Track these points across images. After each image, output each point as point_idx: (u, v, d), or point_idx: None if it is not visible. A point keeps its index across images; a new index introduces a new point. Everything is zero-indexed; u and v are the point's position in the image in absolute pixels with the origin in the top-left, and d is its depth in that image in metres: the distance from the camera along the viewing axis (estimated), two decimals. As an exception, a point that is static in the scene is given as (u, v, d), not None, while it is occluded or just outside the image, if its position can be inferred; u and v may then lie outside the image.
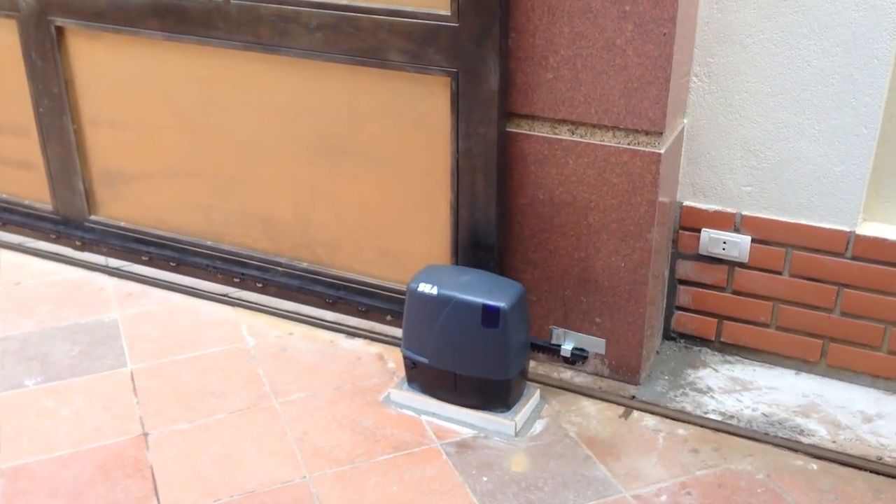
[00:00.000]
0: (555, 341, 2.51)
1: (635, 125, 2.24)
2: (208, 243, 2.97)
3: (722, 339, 2.64)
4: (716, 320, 2.63)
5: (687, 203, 2.54)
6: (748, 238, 2.49)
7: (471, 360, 2.28)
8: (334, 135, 2.62)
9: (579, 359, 2.43)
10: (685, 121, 2.46)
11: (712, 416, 2.39)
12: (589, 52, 2.22)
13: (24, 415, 2.40)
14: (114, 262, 3.14)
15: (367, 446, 2.27)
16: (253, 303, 2.90)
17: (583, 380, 2.55)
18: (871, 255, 2.37)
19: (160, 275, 3.05)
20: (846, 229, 2.38)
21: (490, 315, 2.22)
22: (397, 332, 2.69)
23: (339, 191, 2.68)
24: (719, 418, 2.38)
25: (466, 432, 2.33)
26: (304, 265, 2.83)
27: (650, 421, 2.38)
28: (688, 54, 2.33)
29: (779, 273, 2.49)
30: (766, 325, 2.56)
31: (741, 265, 2.52)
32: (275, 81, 2.63)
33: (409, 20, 2.34)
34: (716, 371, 2.59)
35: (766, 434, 2.31)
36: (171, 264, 3.05)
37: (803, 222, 2.42)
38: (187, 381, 2.54)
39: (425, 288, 2.29)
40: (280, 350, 2.68)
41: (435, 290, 2.27)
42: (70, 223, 3.20)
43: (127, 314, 2.87)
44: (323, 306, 2.84)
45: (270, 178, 2.78)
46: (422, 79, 2.41)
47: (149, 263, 3.10)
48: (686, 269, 2.60)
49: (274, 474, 2.18)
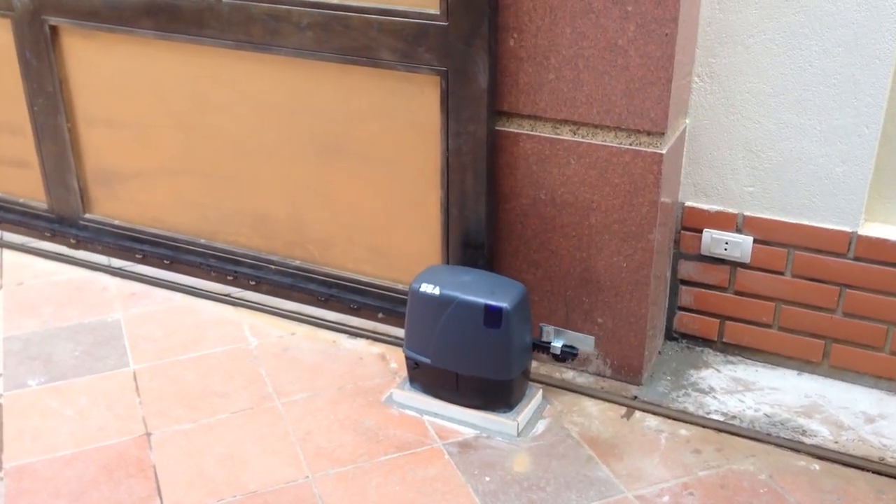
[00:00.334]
0: (545, 339, 2.51)
1: (637, 125, 2.24)
2: (202, 241, 2.99)
3: (724, 340, 2.64)
4: (718, 321, 2.63)
5: (689, 203, 2.54)
6: (750, 238, 2.49)
7: (473, 361, 2.29)
8: (326, 133, 2.63)
9: (569, 356, 2.42)
10: (687, 121, 2.46)
11: (714, 417, 2.39)
12: (591, 53, 2.22)
13: (28, 415, 2.40)
14: (116, 262, 3.15)
15: (370, 446, 2.28)
16: (255, 303, 2.91)
17: (585, 380, 2.55)
18: (873, 256, 2.37)
19: (163, 275, 3.06)
20: (848, 230, 2.38)
21: (492, 315, 2.22)
22: (399, 332, 2.69)
23: (331, 189, 2.70)
24: (721, 419, 2.38)
25: (468, 432, 2.33)
26: (296, 263, 2.85)
27: (652, 421, 2.38)
28: (689, 55, 2.33)
29: (781, 273, 2.49)
30: (768, 326, 2.56)
31: (743, 265, 2.52)
32: (267, 80, 2.65)
33: (399, 19, 2.36)
34: (718, 371, 2.59)
35: (769, 434, 2.32)
36: (164, 262, 3.07)
37: (805, 223, 2.42)
38: (190, 381, 2.54)
39: (427, 288, 2.29)
40: (282, 350, 2.69)
41: (437, 291, 2.28)
42: (65, 221, 3.21)
43: (130, 314, 2.88)
44: (315, 304, 2.85)
45: (264, 176, 2.79)
46: (412, 77, 2.43)
47: (143, 261, 3.11)
48: (688, 269, 2.60)
49: (276, 474, 2.18)
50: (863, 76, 2.23)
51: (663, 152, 2.25)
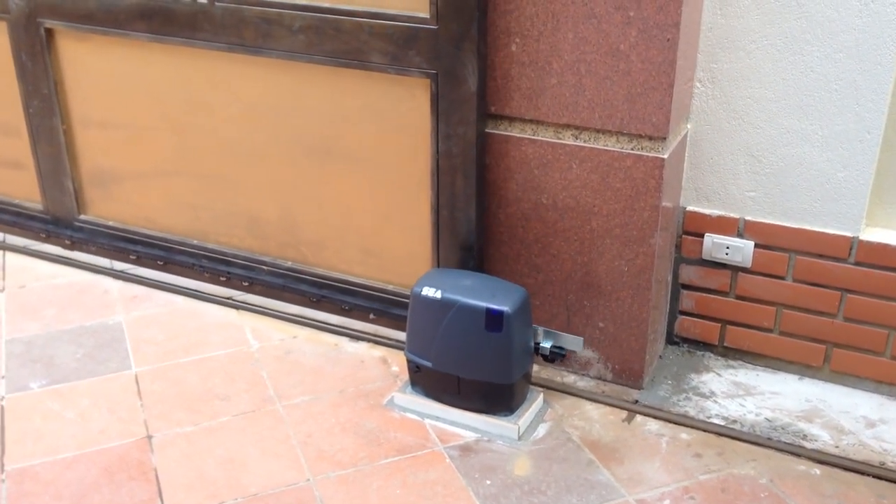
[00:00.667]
0: (534, 340, 2.50)
1: (639, 130, 2.25)
2: (195, 242, 3.00)
3: (725, 344, 2.64)
4: (719, 325, 2.63)
5: (690, 208, 2.55)
6: (751, 243, 2.49)
7: (474, 364, 2.29)
8: (318, 135, 2.65)
9: (558, 357, 2.42)
10: (689, 126, 2.46)
11: (715, 421, 2.39)
12: (593, 58, 2.23)
13: (29, 417, 2.40)
14: (118, 265, 3.15)
15: (371, 449, 2.28)
16: (257, 306, 2.91)
17: (586, 384, 2.55)
18: (874, 261, 2.37)
19: (165, 277, 3.06)
20: (849, 234, 2.38)
21: (494, 319, 2.22)
22: (398, 335, 2.70)
23: (323, 191, 2.71)
24: (722, 423, 2.38)
25: (470, 436, 2.34)
26: (288, 264, 2.86)
27: (653, 425, 2.38)
28: (691, 60, 2.34)
29: (782, 278, 2.49)
30: (769, 330, 2.57)
31: (744, 270, 2.53)
32: (259, 83, 2.67)
33: (390, 22, 2.37)
34: (719, 376, 2.59)
35: (770, 439, 2.32)
36: (158, 263, 3.08)
37: (806, 227, 2.42)
38: (191, 384, 2.54)
39: (429, 292, 2.29)
40: (284, 353, 2.69)
41: (439, 294, 2.28)
42: (60, 223, 3.23)
43: (132, 317, 2.88)
44: (307, 304, 2.86)
45: (256, 177, 2.80)
46: (403, 80, 2.44)
47: (136, 262, 3.13)
48: (689, 273, 2.60)
49: (277, 477, 2.18)
50: (864, 82, 2.24)
51: (665, 157, 2.26)
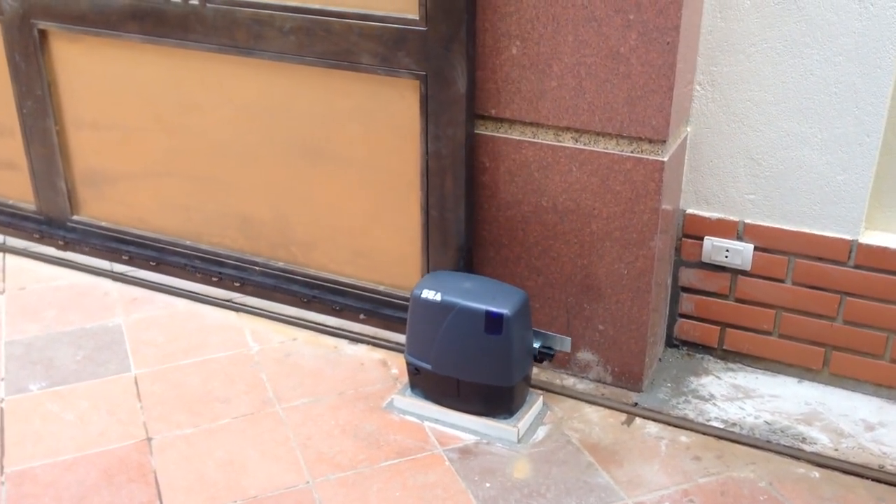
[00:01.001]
0: None
1: (639, 133, 2.25)
2: (187, 243, 3.01)
3: (724, 347, 2.65)
4: (718, 328, 2.63)
5: (690, 211, 2.55)
6: (751, 246, 2.49)
7: (474, 367, 2.29)
8: (309, 136, 2.65)
9: (546, 357, 2.42)
10: (688, 129, 2.47)
11: (715, 424, 2.39)
12: (593, 61, 2.23)
13: (29, 419, 2.40)
14: (119, 268, 3.15)
15: (370, 452, 2.28)
16: (257, 308, 2.91)
17: (585, 387, 2.55)
18: (873, 264, 2.38)
19: (165, 280, 3.06)
20: (848, 238, 2.39)
21: (493, 322, 2.23)
22: (397, 337, 2.70)
23: (314, 191, 2.72)
24: (722, 426, 2.38)
25: (469, 438, 2.34)
26: (280, 264, 2.87)
27: (652, 428, 2.38)
28: (691, 63, 2.34)
29: (781, 281, 2.49)
30: (768, 333, 2.57)
31: (744, 273, 2.53)
32: (251, 84, 2.67)
33: (380, 24, 2.38)
34: (718, 379, 2.59)
35: (769, 442, 2.32)
36: (150, 264, 3.09)
37: (806, 230, 2.43)
38: (191, 386, 2.54)
39: (429, 294, 2.29)
40: (284, 355, 2.69)
41: (438, 297, 2.28)
42: (53, 223, 3.23)
43: (131, 319, 2.88)
44: (298, 305, 2.87)
45: (248, 178, 2.81)
46: (392, 81, 2.45)
47: (129, 263, 3.14)
48: (689, 276, 2.61)
49: (277, 480, 2.18)
50: (864, 85, 2.24)
51: (665, 160, 2.26)
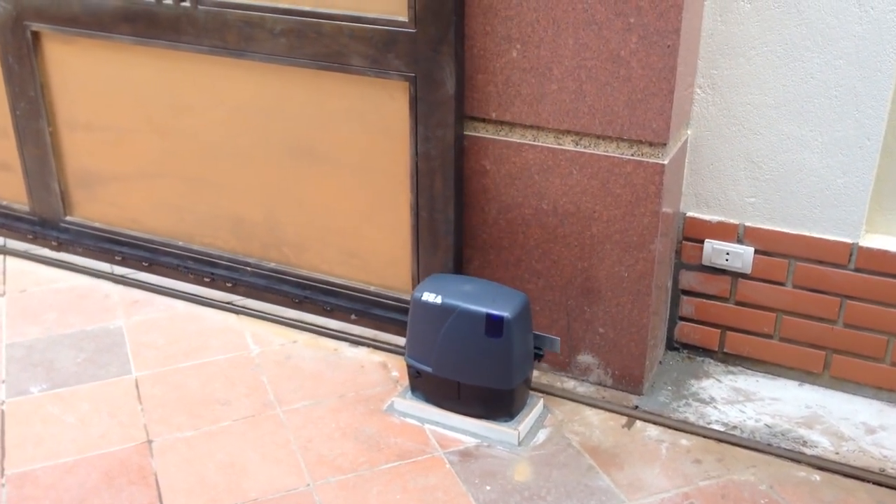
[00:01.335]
0: None
1: (639, 136, 2.25)
2: (179, 243, 3.02)
3: (725, 350, 2.65)
4: (719, 331, 2.63)
5: (690, 214, 2.55)
6: (751, 249, 2.49)
7: (474, 370, 2.29)
8: (300, 138, 2.67)
9: (536, 356, 2.41)
10: (689, 132, 2.47)
11: (715, 427, 2.39)
12: (593, 64, 2.23)
13: (30, 421, 2.40)
14: (119, 270, 3.15)
15: (371, 455, 2.28)
16: (257, 311, 2.91)
17: (586, 390, 2.55)
18: (873, 267, 2.38)
19: (165, 282, 3.07)
20: (849, 241, 2.39)
21: (494, 324, 2.23)
22: (398, 340, 2.70)
23: (305, 192, 2.73)
24: (722, 429, 2.38)
25: (470, 441, 2.34)
26: (272, 265, 2.88)
27: (653, 431, 2.38)
28: (692, 66, 2.34)
29: (782, 284, 2.50)
30: (769, 336, 2.57)
31: (744, 276, 2.53)
32: (242, 85, 2.69)
33: (370, 26, 2.39)
34: (719, 382, 2.59)
35: (769, 445, 2.32)
36: (143, 264, 3.10)
37: (806, 234, 2.43)
38: (192, 388, 2.54)
39: (429, 297, 2.29)
40: (284, 358, 2.69)
41: (439, 300, 2.28)
42: (46, 224, 3.24)
43: (132, 321, 2.89)
44: (290, 305, 2.88)
45: (240, 179, 2.82)
46: (382, 83, 2.46)
47: (122, 263, 3.14)
48: (689, 279, 2.61)
49: (277, 482, 2.18)
50: (864, 88, 2.25)
51: (665, 163, 2.26)
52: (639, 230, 2.34)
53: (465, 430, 2.36)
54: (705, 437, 2.35)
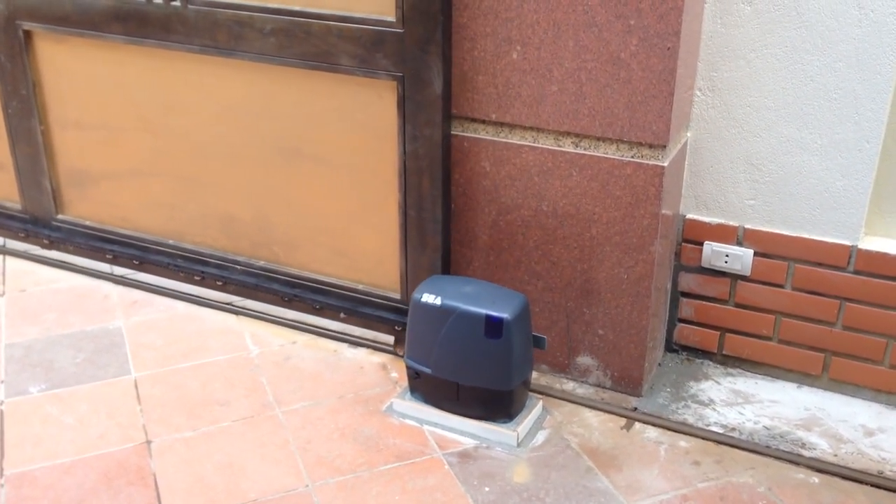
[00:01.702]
0: None
1: (639, 138, 2.26)
2: (170, 242, 3.02)
3: (724, 352, 2.65)
4: (718, 333, 2.63)
5: (690, 216, 2.55)
6: (750, 251, 2.50)
7: (474, 371, 2.29)
8: (289, 137, 2.67)
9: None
10: (689, 134, 2.47)
11: (714, 429, 2.39)
12: (593, 66, 2.24)
13: (29, 421, 2.40)
14: (119, 270, 3.15)
15: (370, 456, 2.28)
16: (256, 311, 2.91)
17: (585, 391, 2.55)
18: (872, 270, 2.38)
19: (165, 283, 3.07)
20: (848, 243, 2.39)
21: (493, 326, 2.23)
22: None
23: (294, 191, 2.74)
24: (721, 431, 2.39)
25: (469, 442, 2.34)
26: (261, 264, 2.88)
27: (652, 433, 2.39)
28: (692, 68, 2.34)
29: (781, 286, 2.50)
30: (768, 339, 2.57)
31: (743, 278, 2.53)
32: (233, 84, 2.69)
33: (358, 26, 2.40)
34: (718, 383, 2.59)
35: (768, 447, 2.32)
36: (134, 262, 3.10)
37: (805, 236, 2.43)
38: (191, 389, 2.54)
39: (429, 298, 2.30)
40: (283, 359, 2.69)
41: (438, 301, 2.28)
42: (38, 222, 3.25)
43: (131, 322, 2.89)
44: (280, 304, 2.88)
45: (230, 178, 2.83)
46: (371, 83, 2.47)
47: (113, 262, 3.15)
48: (688, 281, 2.61)
49: (276, 483, 2.18)
50: (863, 91, 2.25)
51: (665, 165, 2.26)
52: (638, 232, 2.34)
53: (464, 431, 2.36)
54: (704, 438, 2.36)
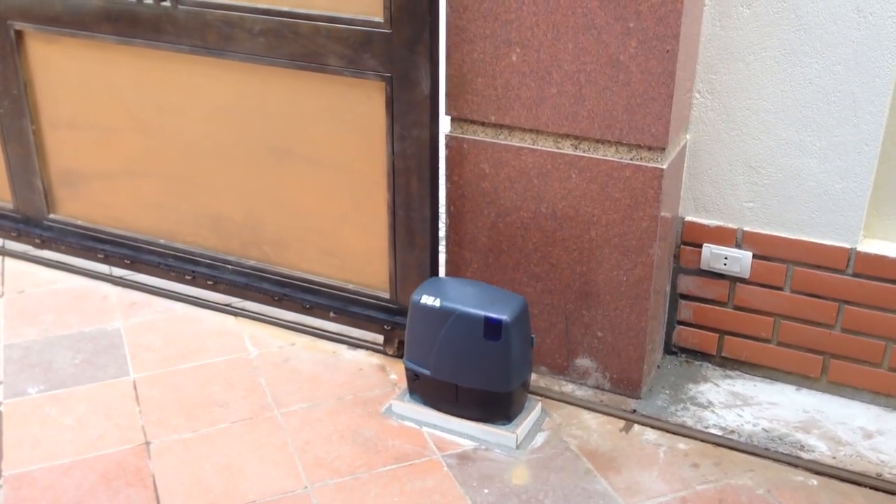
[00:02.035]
0: None
1: (638, 140, 2.26)
2: (161, 241, 3.03)
3: (723, 354, 2.65)
4: (717, 335, 2.63)
5: (689, 218, 2.55)
6: (749, 254, 2.50)
7: (473, 373, 2.29)
8: (279, 137, 2.68)
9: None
10: (688, 136, 2.47)
11: (713, 431, 2.39)
12: (592, 68, 2.24)
13: (27, 422, 2.40)
14: (118, 272, 3.15)
15: (369, 457, 2.28)
16: (256, 313, 2.91)
17: (584, 393, 2.55)
18: (871, 272, 2.38)
19: (164, 284, 3.07)
20: (847, 246, 2.39)
21: (492, 328, 2.23)
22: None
23: (284, 191, 2.74)
24: (720, 433, 2.39)
25: (468, 444, 2.34)
26: (252, 263, 2.89)
27: (651, 435, 2.39)
28: (691, 71, 2.35)
29: (780, 289, 2.50)
30: (767, 341, 2.57)
31: (742, 280, 2.53)
32: (223, 84, 2.70)
33: (346, 26, 2.41)
34: (717, 386, 2.60)
35: (767, 449, 2.32)
36: (126, 262, 3.11)
37: (804, 238, 2.43)
38: (190, 390, 2.54)
39: (428, 300, 2.30)
40: (282, 360, 2.69)
41: (437, 303, 2.28)
42: (30, 222, 3.25)
43: (130, 323, 2.88)
44: (270, 303, 2.89)
45: (220, 178, 2.83)
46: (359, 83, 2.48)
47: (104, 261, 3.15)
48: (687, 283, 2.61)
49: (275, 485, 2.18)
50: (862, 94, 2.25)
51: (664, 167, 2.26)
52: (637, 234, 2.34)
53: (463, 433, 2.36)
54: (703, 441, 2.36)
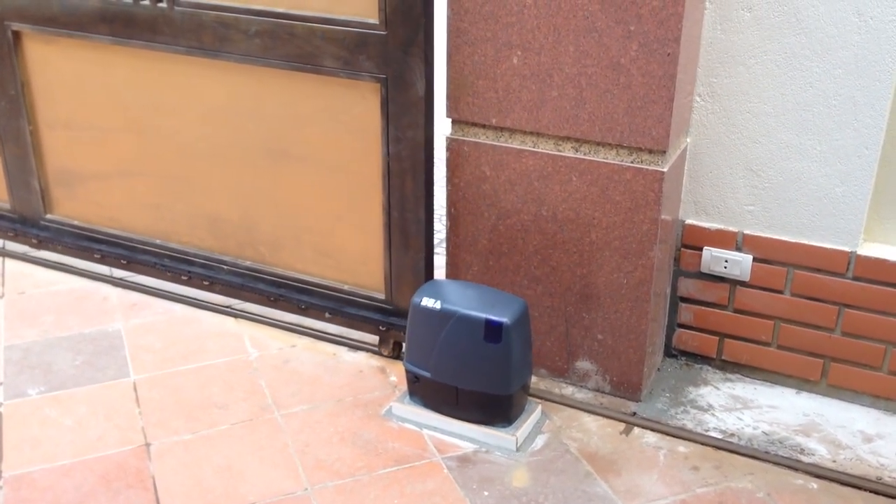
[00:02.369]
0: None
1: (639, 143, 2.26)
2: (157, 242, 3.03)
3: (723, 357, 2.65)
4: (717, 338, 2.63)
5: (689, 221, 2.56)
6: (750, 257, 2.50)
7: (473, 375, 2.29)
8: (275, 138, 2.68)
9: None
10: (688, 140, 2.48)
11: (713, 434, 2.39)
12: (593, 71, 2.24)
13: (27, 424, 2.40)
14: (118, 273, 3.15)
15: (369, 459, 2.28)
16: (256, 314, 2.91)
17: (584, 396, 2.55)
18: (871, 276, 2.38)
19: (164, 285, 3.07)
20: (847, 249, 2.39)
21: (493, 330, 2.23)
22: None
23: (280, 192, 2.75)
24: (720, 436, 2.39)
25: (468, 446, 2.34)
26: (247, 264, 2.89)
27: (651, 438, 2.39)
28: (691, 74, 2.35)
29: (780, 292, 2.50)
30: (767, 344, 2.57)
31: (742, 284, 2.53)
32: (218, 85, 2.71)
33: (341, 28, 2.42)
34: (717, 389, 2.60)
35: (767, 452, 2.32)
36: (121, 262, 3.11)
37: (805, 242, 2.44)
38: (190, 392, 2.54)
39: (428, 302, 2.30)
40: (282, 362, 2.69)
41: (438, 305, 2.29)
42: (27, 222, 3.25)
43: (130, 324, 2.88)
44: (266, 304, 2.89)
45: (216, 178, 2.84)
46: (354, 84, 2.48)
47: (101, 261, 3.15)
48: (688, 286, 2.61)
49: (275, 486, 2.18)
50: (863, 97, 2.25)
51: (664, 170, 2.27)
52: (638, 237, 2.34)
53: (464, 435, 2.36)
54: (703, 444, 2.36)
